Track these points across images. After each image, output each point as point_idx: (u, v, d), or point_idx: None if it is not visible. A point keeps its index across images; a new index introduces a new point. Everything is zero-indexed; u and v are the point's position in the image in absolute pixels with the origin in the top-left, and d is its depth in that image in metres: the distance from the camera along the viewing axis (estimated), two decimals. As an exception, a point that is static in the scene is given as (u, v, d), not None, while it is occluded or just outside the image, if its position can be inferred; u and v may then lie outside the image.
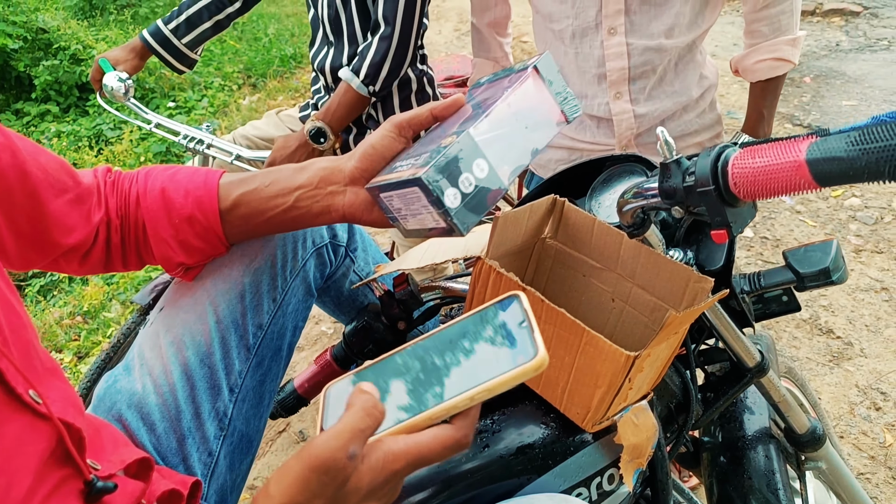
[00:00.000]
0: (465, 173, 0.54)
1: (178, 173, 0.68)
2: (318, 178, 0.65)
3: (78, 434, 0.50)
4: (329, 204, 0.65)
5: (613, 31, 1.19)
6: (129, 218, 0.67)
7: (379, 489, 0.44)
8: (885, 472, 1.57)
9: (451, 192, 0.54)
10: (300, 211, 0.66)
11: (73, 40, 3.98)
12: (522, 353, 0.43)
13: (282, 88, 4.36)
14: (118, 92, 1.47)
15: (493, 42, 1.48)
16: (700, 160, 0.52)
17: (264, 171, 0.67)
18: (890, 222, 2.45)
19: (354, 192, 0.65)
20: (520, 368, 0.42)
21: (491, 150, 0.55)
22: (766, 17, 1.20)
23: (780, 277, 0.81)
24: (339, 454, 0.41)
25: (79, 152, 3.40)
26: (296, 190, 0.65)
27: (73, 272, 0.68)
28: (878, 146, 0.41)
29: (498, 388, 0.43)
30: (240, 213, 0.67)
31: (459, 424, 0.45)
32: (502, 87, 0.59)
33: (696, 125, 1.32)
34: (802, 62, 3.86)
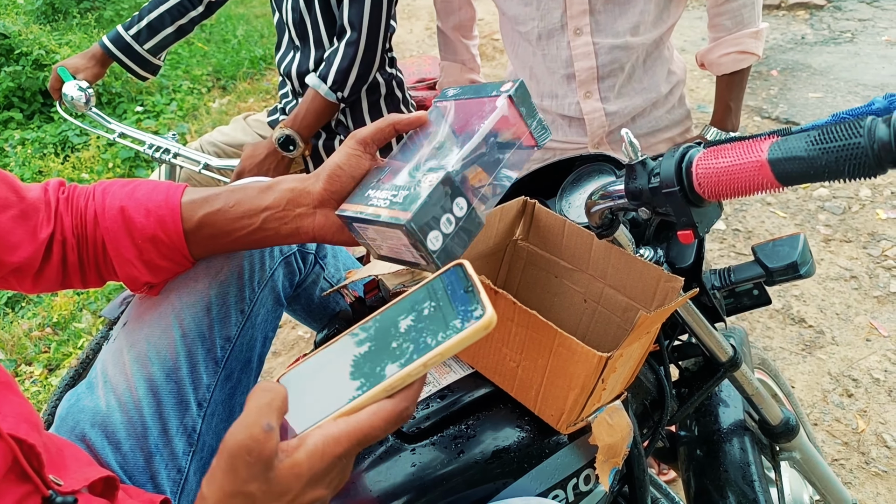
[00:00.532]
0: (446, 214, 0.55)
1: (137, 190, 0.66)
2: (285, 200, 0.63)
3: (32, 450, 0.49)
4: (298, 226, 0.64)
5: (579, 31, 1.19)
6: (87, 237, 0.65)
7: (323, 475, 0.43)
8: (858, 458, 1.60)
9: (433, 234, 0.54)
10: (268, 232, 0.65)
11: (35, 45, 3.88)
12: (470, 315, 0.43)
13: (252, 90, 4.30)
14: (78, 101, 1.43)
15: (460, 45, 1.48)
16: (664, 161, 0.52)
17: (228, 189, 0.65)
18: (857, 212, 2.50)
19: (324, 213, 0.63)
20: (469, 329, 0.42)
21: (469, 191, 0.56)
22: (728, 11, 1.21)
23: (749, 273, 0.82)
24: (254, 430, 0.40)
25: (44, 160, 3.32)
26: (263, 211, 0.64)
27: (26, 290, 0.66)
28: (838, 145, 0.41)
29: (449, 351, 0.43)
30: (205, 233, 0.65)
31: (400, 396, 0.44)
32: (475, 116, 0.58)
33: (667, 121, 1.33)
34: (769, 55, 3.92)
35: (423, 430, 0.67)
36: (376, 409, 0.43)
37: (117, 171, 3.22)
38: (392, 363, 0.44)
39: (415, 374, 0.44)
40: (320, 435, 0.43)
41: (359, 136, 0.62)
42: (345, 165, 0.61)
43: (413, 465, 0.65)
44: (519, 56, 1.32)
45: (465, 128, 0.58)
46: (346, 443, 0.43)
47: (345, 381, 0.46)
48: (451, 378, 0.73)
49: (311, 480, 0.42)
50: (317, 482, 0.43)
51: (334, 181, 0.62)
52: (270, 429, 0.40)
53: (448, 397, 0.70)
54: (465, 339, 0.43)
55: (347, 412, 0.44)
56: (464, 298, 0.45)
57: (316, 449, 0.42)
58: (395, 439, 0.67)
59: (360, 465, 0.66)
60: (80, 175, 3.20)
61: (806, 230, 2.43)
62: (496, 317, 0.43)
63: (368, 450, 0.67)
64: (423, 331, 0.45)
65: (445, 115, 0.62)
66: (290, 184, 0.64)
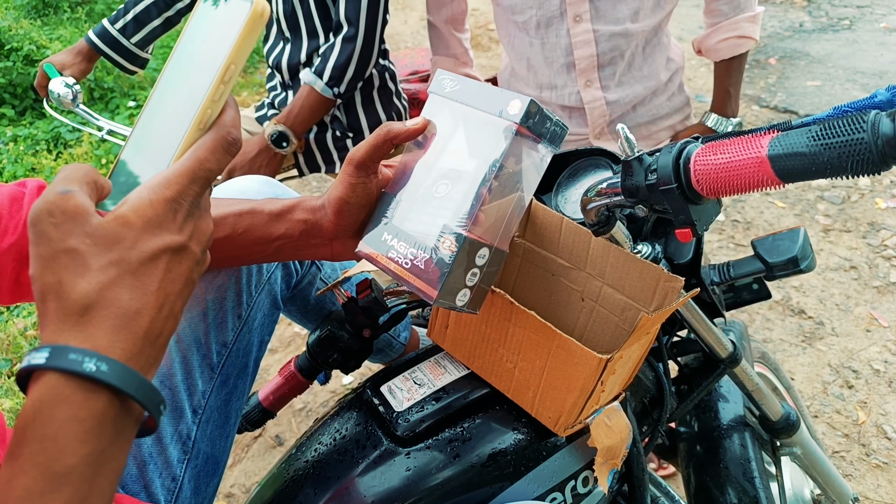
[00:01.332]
0: (471, 270, 0.54)
1: None
2: (298, 232, 0.61)
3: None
4: (314, 253, 0.64)
5: (579, 18, 1.17)
6: None
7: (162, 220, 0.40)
8: (858, 450, 1.60)
9: (461, 294, 0.54)
10: (283, 256, 0.64)
11: (25, 41, 3.84)
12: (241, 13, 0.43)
13: (245, 84, 4.27)
14: (65, 98, 1.41)
15: (452, 39, 1.45)
16: (661, 157, 0.50)
17: (235, 213, 0.62)
18: (857, 201, 2.48)
19: (341, 243, 0.62)
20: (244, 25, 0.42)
21: (489, 233, 0.55)
22: None
23: (749, 268, 0.81)
24: (49, 196, 0.37)
25: (37, 156, 3.29)
26: (276, 240, 0.62)
27: (5, 301, 0.63)
28: (840, 140, 0.40)
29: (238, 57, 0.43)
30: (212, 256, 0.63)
31: (217, 125, 0.43)
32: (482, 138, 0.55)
33: (667, 108, 1.32)
34: (767, 43, 3.90)
35: (417, 433, 0.66)
36: (197, 144, 0.42)
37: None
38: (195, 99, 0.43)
39: (217, 97, 0.43)
40: (144, 186, 0.40)
41: (355, 159, 0.58)
42: (349, 198, 0.59)
43: (408, 469, 0.64)
44: (515, 47, 1.30)
45: (473, 154, 0.55)
46: (175, 185, 0.40)
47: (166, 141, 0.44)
48: (447, 379, 0.72)
49: (146, 226, 0.39)
50: (156, 227, 0.39)
51: (343, 216, 0.60)
52: (66, 191, 0.37)
53: (443, 399, 0.69)
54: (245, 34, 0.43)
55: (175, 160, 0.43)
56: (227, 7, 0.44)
57: (141, 199, 0.39)
58: (389, 443, 0.66)
59: (353, 470, 0.65)
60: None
61: (805, 220, 2.42)
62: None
63: (362, 454, 0.66)
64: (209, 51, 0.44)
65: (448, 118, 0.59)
66: (302, 214, 0.62)
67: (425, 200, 0.57)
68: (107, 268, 0.37)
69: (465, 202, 0.54)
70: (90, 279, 0.37)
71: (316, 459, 0.68)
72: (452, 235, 0.53)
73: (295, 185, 2.98)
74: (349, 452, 0.67)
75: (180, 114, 0.43)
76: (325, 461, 0.67)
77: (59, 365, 0.35)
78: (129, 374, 0.37)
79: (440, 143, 0.59)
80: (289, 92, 1.49)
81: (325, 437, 0.70)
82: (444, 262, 0.53)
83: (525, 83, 1.33)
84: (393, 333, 0.96)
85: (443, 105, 0.60)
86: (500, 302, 0.64)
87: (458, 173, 0.56)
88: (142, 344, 0.38)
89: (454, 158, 0.57)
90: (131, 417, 0.38)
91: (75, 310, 0.36)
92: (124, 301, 0.37)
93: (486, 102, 0.56)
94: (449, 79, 0.60)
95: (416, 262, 0.55)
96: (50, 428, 0.34)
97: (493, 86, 0.58)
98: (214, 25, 0.44)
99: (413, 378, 0.72)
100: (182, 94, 0.44)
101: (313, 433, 0.72)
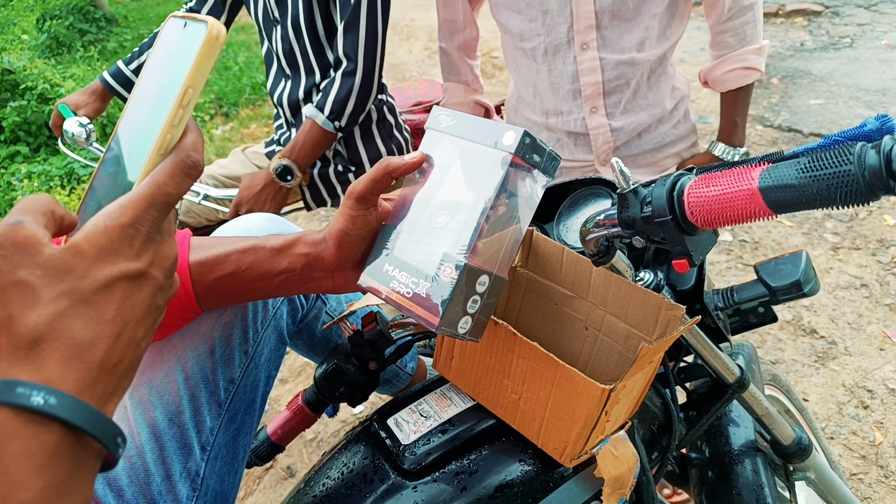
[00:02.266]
0: (472, 297, 0.55)
1: None
2: (300, 265, 0.63)
3: None
4: (316, 286, 0.64)
5: (586, 46, 1.19)
6: None
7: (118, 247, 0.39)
8: (877, 472, 1.57)
9: (462, 321, 0.55)
10: (286, 291, 0.65)
11: (39, 80, 3.94)
12: (197, 37, 0.43)
13: (254, 116, 4.34)
14: (79, 137, 1.45)
15: (464, 65, 1.48)
16: (656, 189, 0.51)
17: (238, 250, 0.63)
18: (865, 218, 2.47)
19: (342, 275, 0.63)
20: (200, 48, 0.42)
21: (489, 261, 0.56)
22: (731, 29, 1.22)
23: (752, 292, 0.81)
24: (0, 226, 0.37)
25: (50, 192, 3.35)
26: (278, 275, 0.63)
27: None
28: (828, 172, 0.41)
29: (195, 81, 0.43)
30: (218, 294, 0.65)
31: (177, 150, 0.42)
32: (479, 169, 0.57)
33: (673, 136, 1.34)
34: (769, 63, 3.92)
35: (424, 466, 0.66)
36: (156, 169, 0.42)
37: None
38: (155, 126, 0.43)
39: (176, 121, 0.42)
40: (100, 213, 0.39)
41: (356, 192, 0.59)
42: (350, 230, 0.60)
43: (415, 503, 0.64)
44: (522, 74, 1.32)
45: (470, 185, 0.57)
46: (132, 210, 0.39)
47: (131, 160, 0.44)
48: (453, 411, 0.72)
49: (100, 255, 0.38)
50: (111, 255, 0.38)
51: (344, 248, 0.61)
52: (18, 222, 0.36)
53: (449, 431, 0.69)
54: (202, 58, 0.42)
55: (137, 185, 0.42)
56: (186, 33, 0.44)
57: (96, 226, 0.38)
58: (396, 476, 0.66)
59: (361, 504, 0.65)
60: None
61: (813, 239, 2.41)
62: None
63: (369, 488, 0.66)
64: (168, 75, 0.44)
65: (445, 152, 0.61)
66: (303, 248, 0.63)
67: (425, 231, 0.58)
68: (57, 299, 0.36)
69: (465, 231, 0.55)
70: (40, 311, 0.36)
71: (324, 494, 0.68)
72: (452, 263, 0.54)
73: (303, 218, 3.01)
74: (357, 486, 0.67)
75: (142, 139, 0.44)
76: (333, 495, 0.67)
77: (7, 399, 0.34)
78: (81, 407, 0.36)
79: (438, 176, 0.60)
80: (292, 130, 1.52)
81: (333, 471, 0.70)
82: (444, 290, 0.54)
83: (532, 109, 1.35)
84: (399, 364, 0.97)
85: (440, 139, 0.62)
86: (503, 333, 0.65)
87: (457, 204, 0.57)
88: (97, 374, 0.37)
89: (452, 190, 0.58)
90: (90, 450, 0.37)
91: (25, 343, 0.36)
92: (76, 331, 0.37)
93: (482, 135, 0.58)
94: (445, 114, 0.62)
95: (418, 291, 0.56)
96: (1, 463, 0.34)
97: (489, 119, 0.59)
98: (175, 49, 0.45)
99: (419, 410, 0.73)
100: (144, 118, 0.44)
101: (321, 467, 0.72)
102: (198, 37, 0.43)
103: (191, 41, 0.43)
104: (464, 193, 0.57)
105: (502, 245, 0.57)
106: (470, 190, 0.57)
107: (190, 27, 0.44)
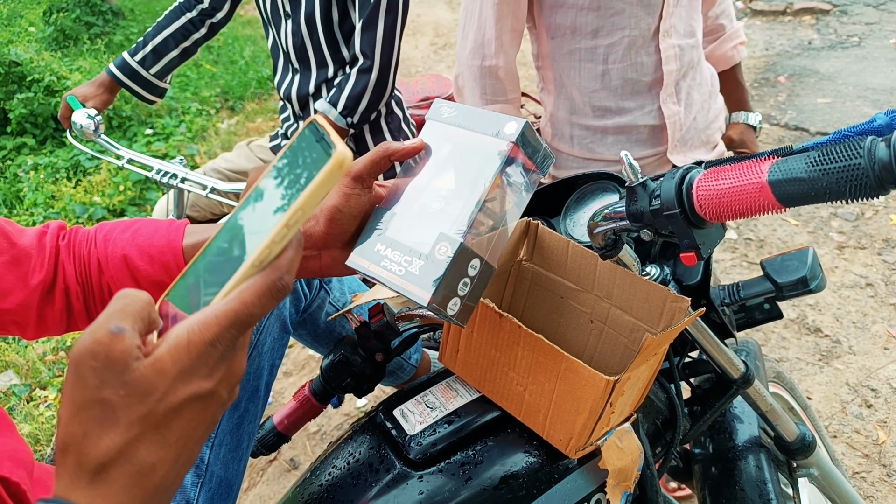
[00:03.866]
0: (463, 279, 0.55)
1: (138, 235, 0.65)
2: None
3: (16, 487, 0.48)
4: (304, 267, 0.64)
5: (667, 32, 1.18)
6: (92, 285, 0.65)
7: (195, 367, 0.38)
8: (879, 470, 1.57)
9: (452, 302, 0.55)
10: None
11: (46, 72, 3.95)
12: (322, 160, 0.42)
13: (260, 110, 4.35)
14: (87, 129, 1.45)
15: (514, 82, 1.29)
16: (664, 183, 0.51)
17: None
18: (871, 217, 2.47)
19: (330, 254, 0.63)
20: (322, 173, 0.41)
21: (481, 247, 0.56)
22: (723, 13, 1.38)
23: (758, 288, 0.81)
24: (98, 334, 0.36)
25: (56, 184, 3.37)
26: None
27: (29, 337, 0.65)
28: (838, 166, 0.41)
29: (309, 203, 0.41)
30: None
31: (270, 268, 0.41)
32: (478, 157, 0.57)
33: (715, 111, 1.35)
34: (776, 62, 3.91)
35: (430, 456, 0.66)
36: (244, 286, 0.40)
37: (128, 194, 3.25)
38: (260, 236, 0.42)
39: (279, 238, 0.41)
40: (184, 326, 0.39)
41: (353, 171, 0.59)
42: (342, 207, 0.60)
43: (421, 492, 0.64)
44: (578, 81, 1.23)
45: (468, 172, 0.57)
46: (216, 327, 0.39)
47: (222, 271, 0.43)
48: (458, 402, 0.72)
49: (180, 374, 0.38)
50: (189, 375, 0.38)
51: (334, 224, 0.60)
52: (119, 330, 0.36)
53: (455, 422, 0.70)
54: (321, 184, 0.41)
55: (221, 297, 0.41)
56: (316, 149, 0.43)
57: (179, 341, 0.38)
58: (402, 466, 0.67)
59: (367, 494, 0.66)
60: (91, 198, 3.23)
61: (819, 238, 2.40)
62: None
63: (375, 478, 0.66)
64: (285, 193, 0.43)
65: (444, 141, 0.61)
66: None
67: (420, 214, 0.58)
68: (133, 424, 0.37)
69: (463, 213, 0.55)
70: (114, 436, 0.36)
71: (330, 483, 0.68)
72: (448, 242, 0.54)
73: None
74: (363, 476, 0.67)
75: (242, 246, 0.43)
76: (339, 485, 0.68)
77: None
78: None
79: (434, 166, 0.61)
80: (300, 123, 1.52)
81: (339, 460, 0.71)
82: (439, 267, 0.54)
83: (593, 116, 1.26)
84: (404, 356, 0.97)
85: (440, 130, 0.62)
86: (508, 325, 0.65)
87: (453, 191, 0.57)
88: (150, 498, 0.37)
89: (450, 177, 0.59)
90: None
91: (92, 467, 0.36)
92: (141, 457, 0.37)
93: (483, 125, 0.59)
94: (447, 106, 0.63)
95: (411, 269, 0.55)
96: None
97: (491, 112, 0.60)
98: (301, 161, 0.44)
99: (425, 402, 0.73)
100: (253, 222, 0.44)
101: (327, 457, 0.73)
102: (324, 160, 0.42)
103: (317, 161, 0.42)
104: (461, 181, 0.58)
105: (494, 234, 0.57)
106: (467, 178, 0.57)
107: (323, 143, 0.43)
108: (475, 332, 0.70)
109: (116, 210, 3.20)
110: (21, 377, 2.31)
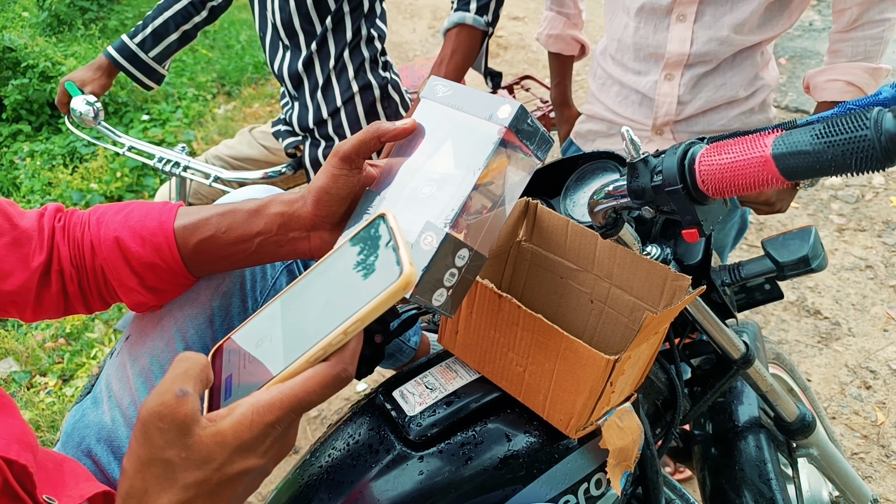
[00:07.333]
0: (449, 269, 0.54)
1: (130, 217, 0.65)
2: (276, 225, 0.62)
3: (24, 471, 0.49)
4: (294, 248, 0.63)
5: (682, 17, 1.15)
6: (86, 267, 0.64)
7: (253, 444, 0.41)
8: (878, 451, 1.58)
9: (437, 293, 0.54)
10: (265, 254, 0.64)
11: (41, 58, 3.90)
12: (390, 274, 0.43)
13: (257, 95, 4.31)
14: (87, 116, 1.42)
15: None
16: (666, 158, 0.50)
17: (218, 213, 0.64)
18: (871, 200, 2.46)
19: (319, 235, 0.62)
20: (387, 291, 0.42)
21: (471, 237, 0.54)
22: (852, 39, 1.12)
23: (759, 268, 0.80)
24: (166, 396, 0.39)
25: (53, 171, 3.34)
26: (256, 237, 0.63)
27: (27, 319, 0.65)
28: (844, 138, 0.40)
29: (369, 316, 0.43)
30: (202, 258, 0.64)
31: (336, 359, 0.43)
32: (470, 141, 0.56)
33: (739, 123, 1.27)
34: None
35: (430, 437, 0.66)
36: (310, 374, 0.42)
37: (125, 181, 3.23)
38: (321, 327, 0.44)
39: (336, 342, 0.43)
40: (249, 403, 0.41)
41: (341, 152, 0.58)
42: (330, 188, 0.59)
43: (421, 473, 0.64)
44: (613, 26, 1.29)
45: (460, 157, 0.56)
46: (279, 410, 0.41)
47: (279, 347, 0.45)
48: (458, 383, 0.72)
49: (238, 449, 0.40)
50: (246, 451, 0.41)
51: (322, 205, 0.59)
52: (184, 394, 0.39)
53: (455, 403, 0.69)
54: (384, 301, 0.42)
55: (281, 379, 0.43)
56: (385, 255, 0.44)
57: (244, 418, 0.40)
58: (402, 447, 0.67)
59: (367, 475, 0.66)
60: (88, 185, 3.22)
61: (819, 220, 2.40)
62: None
63: (375, 458, 0.66)
64: (347, 291, 0.44)
65: (437, 122, 0.60)
66: (278, 207, 0.62)
67: (410, 200, 0.57)
68: (190, 486, 0.40)
69: (451, 202, 0.54)
70: (171, 496, 0.39)
71: (330, 464, 0.68)
72: (433, 232, 0.53)
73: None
74: (363, 457, 0.67)
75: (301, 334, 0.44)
76: (338, 466, 0.68)
77: None
78: None
79: (428, 147, 0.59)
80: (295, 103, 1.50)
81: (338, 442, 0.71)
82: (423, 258, 0.52)
83: (613, 62, 1.32)
84: (403, 338, 0.97)
85: (433, 109, 0.61)
86: (507, 306, 0.65)
87: (445, 176, 0.56)
88: None
89: (442, 161, 0.57)
90: None
91: None
92: None
93: (477, 107, 0.57)
94: (442, 84, 0.61)
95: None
96: None
97: (486, 93, 0.58)
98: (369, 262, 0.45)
99: (425, 383, 0.73)
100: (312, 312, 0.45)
101: (327, 439, 0.73)
102: (390, 276, 0.42)
103: (384, 269, 0.43)
104: (453, 165, 0.56)
105: (486, 221, 0.56)
106: (459, 162, 0.56)
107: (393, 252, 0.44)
108: (474, 313, 0.69)
109: (114, 196, 3.18)
110: (21, 364, 2.32)
